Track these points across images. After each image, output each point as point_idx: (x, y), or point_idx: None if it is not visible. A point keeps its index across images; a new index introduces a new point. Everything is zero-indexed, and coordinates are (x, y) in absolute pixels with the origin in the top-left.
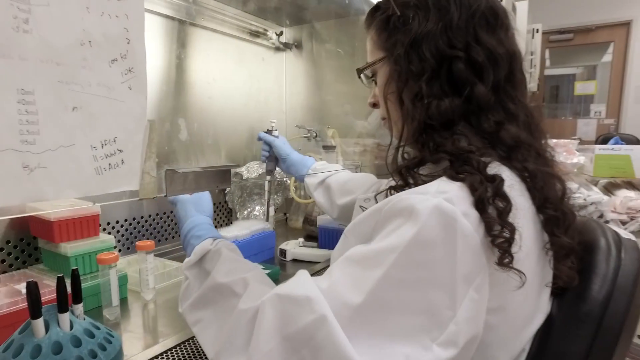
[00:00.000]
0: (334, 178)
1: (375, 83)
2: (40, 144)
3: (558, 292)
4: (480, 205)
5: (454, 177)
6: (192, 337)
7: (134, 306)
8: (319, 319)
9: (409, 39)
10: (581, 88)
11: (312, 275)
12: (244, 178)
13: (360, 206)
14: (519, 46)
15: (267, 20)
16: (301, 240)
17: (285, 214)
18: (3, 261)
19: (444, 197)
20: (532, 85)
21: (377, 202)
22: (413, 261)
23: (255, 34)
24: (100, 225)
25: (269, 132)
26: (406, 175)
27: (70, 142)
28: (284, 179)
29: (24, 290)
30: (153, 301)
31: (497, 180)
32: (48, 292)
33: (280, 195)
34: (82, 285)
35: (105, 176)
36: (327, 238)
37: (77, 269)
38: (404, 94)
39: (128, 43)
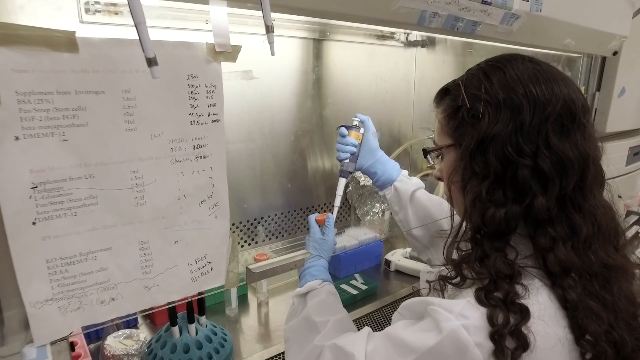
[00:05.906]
0: (424, 194)
1: (442, 159)
2: (154, 272)
3: None
4: (495, 339)
5: (480, 301)
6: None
7: (253, 301)
8: None
9: (476, 138)
10: None
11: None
12: (360, 184)
13: (425, 280)
14: (596, 143)
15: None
16: (408, 250)
17: None
18: None
19: (464, 323)
20: None
21: (435, 282)
22: None
23: (382, 37)
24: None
25: (352, 128)
26: (458, 270)
27: (174, 265)
28: None
29: None
30: (265, 302)
31: (519, 316)
32: None
33: None
34: None
35: (199, 281)
36: None
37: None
38: (467, 188)
39: (213, 186)
